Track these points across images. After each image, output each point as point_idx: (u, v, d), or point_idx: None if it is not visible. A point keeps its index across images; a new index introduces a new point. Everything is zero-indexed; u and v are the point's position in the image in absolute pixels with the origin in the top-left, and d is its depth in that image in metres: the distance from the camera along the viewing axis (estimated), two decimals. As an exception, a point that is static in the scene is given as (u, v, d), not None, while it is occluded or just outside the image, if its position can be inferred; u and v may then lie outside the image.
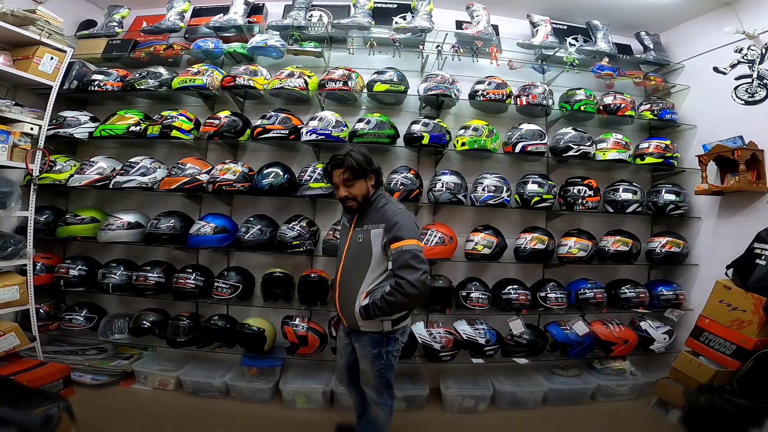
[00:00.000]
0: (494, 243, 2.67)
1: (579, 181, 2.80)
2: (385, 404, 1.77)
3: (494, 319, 2.76)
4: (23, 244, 2.47)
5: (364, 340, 1.70)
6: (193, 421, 2.32)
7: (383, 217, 1.62)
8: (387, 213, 1.62)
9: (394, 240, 1.54)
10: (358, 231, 1.69)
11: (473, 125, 2.73)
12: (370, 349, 1.69)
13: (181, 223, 2.67)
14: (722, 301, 2.36)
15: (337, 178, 1.66)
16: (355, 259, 1.68)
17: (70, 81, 2.80)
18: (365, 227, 1.67)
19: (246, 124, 2.76)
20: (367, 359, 1.71)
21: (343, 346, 1.85)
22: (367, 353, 1.70)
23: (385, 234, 1.59)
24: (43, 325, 2.64)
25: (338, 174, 1.65)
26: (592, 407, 2.63)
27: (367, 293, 1.62)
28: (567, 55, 2.99)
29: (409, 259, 1.50)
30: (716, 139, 2.69)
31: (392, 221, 1.58)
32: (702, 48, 2.93)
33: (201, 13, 3.14)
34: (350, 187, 1.65)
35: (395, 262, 1.52)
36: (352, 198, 1.67)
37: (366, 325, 1.66)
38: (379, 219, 1.63)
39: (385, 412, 1.77)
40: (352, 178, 1.64)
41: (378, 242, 1.60)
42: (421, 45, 2.91)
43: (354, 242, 1.68)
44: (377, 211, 1.67)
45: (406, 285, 1.48)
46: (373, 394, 1.76)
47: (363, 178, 1.67)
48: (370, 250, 1.62)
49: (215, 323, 2.61)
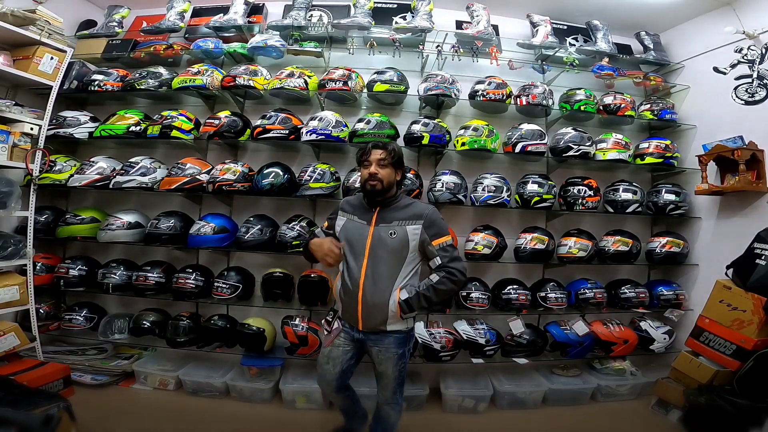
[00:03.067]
0: (494, 243, 2.67)
1: (579, 181, 2.80)
2: (397, 403, 1.81)
3: (494, 319, 2.76)
4: (23, 244, 2.47)
5: (388, 341, 1.69)
6: (193, 421, 2.33)
7: (419, 215, 1.68)
8: (423, 211, 1.70)
9: (438, 236, 1.66)
10: (385, 227, 1.68)
11: (473, 125, 2.73)
12: (396, 349, 1.70)
13: (181, 223, 2.67)
14: (722, 301, 2.36)
15: (374, 156, 1.70)
16: (386, 254, 1.65)
17: (70, 81, 2.80)
18: (396, 223, 1.68)
19: (246, 124, 2.76)
20: (391, 360, 1.70)
21: (340, 354, 1.75)
22: (393, 354, 1.70)
23: (424, 230, 1.66)
24: (43, 325, 2.64)
25: (378, 153, 1.70)
26: (592, 407, 2.63)
27: (401, 288, 1.66)
28: (567, 55, 3.00)
29: (455, 252, 1.68)
30: (716, 139, 2.69)
31: (431, 218, 1.68)
32: (702, 48, 2.93)
33: (201, 13, 3.14)
34: (382, 168, 1.69)
35: (445, 255, 1.65)
36: (379, 179, 1.68)
37: (395, 324, 1.67)
38: (414, 216, 1.68)
39: (396, 412, 1.82)
40: (388, 162, 1.70)
41: (416, 238, 1.66)
42: (421, 45, 2.90)
43: (382, 238, 1.66)
44: (406, 208, 1.72)
45: (458, 273, 1.63)
46: (389, 394, 1.77)
47: (395, 169, 1.74)
48: (407, 245, 1.66)
49: (215, 323, 2.61)
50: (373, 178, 1.68)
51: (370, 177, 1.69)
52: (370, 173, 1.69)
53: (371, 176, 1.68)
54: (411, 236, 1.66)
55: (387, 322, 1.66)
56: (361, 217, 1.74)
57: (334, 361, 1.76)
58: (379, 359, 1.72)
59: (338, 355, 1.75)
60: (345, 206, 1.81)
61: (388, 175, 1.71)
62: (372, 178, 1.68)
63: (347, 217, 1.76)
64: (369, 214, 1.72)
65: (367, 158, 1.71)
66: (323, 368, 1.79)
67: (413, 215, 1.68)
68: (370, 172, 1.69)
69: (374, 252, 1.65)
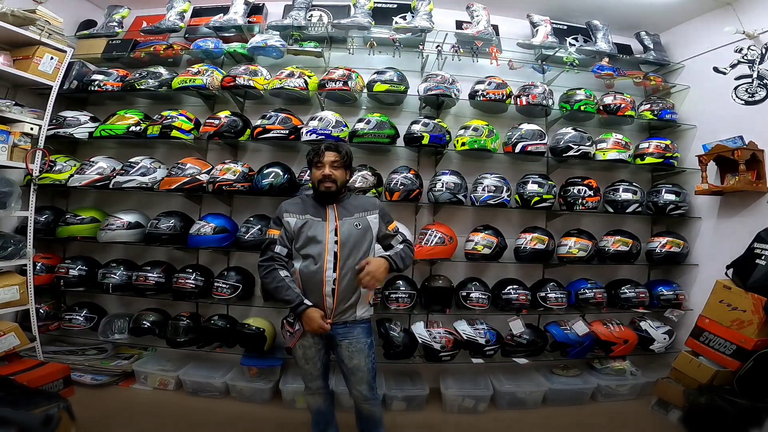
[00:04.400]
0: (494, 243, 2.67)
1: (579, 181, 2.80)
2: (376, 398, 1.84)
3: (494, 319, 2.76)
4: (23, 244, 2.47)
5: (356, 332, 1.76)
6: (193, 421, 2.33)
7: (373, 206, 1.85)
8: (374, 202, 1.89)
9: (390, 222, 1.90)
10: (349, 219, 1.76)
11: (473, 125, 2.73)
12: (365, 338, 1.78)
13: (181, 223, 2.67)
14: (722, 301, 2.37)
15: (328, 158, 1.77)
16: (354, 244, 1.74)
17: (70, 81, 2.80)
18: (358, 215, 1.79)
19: (246, 124, 2.76)
20: (362, 352, 1.75)
21: (315, 352, 1.77)
22: (363, 345, 1.76)
23: (381, 218, 1.84)
24: (43, 325, 2.64)
25: (332, 155, 1.78)
26: (592, 407, 2.63)
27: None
28: (567, 55, 2.99)
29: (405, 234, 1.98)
30: (716, 139, 2.69)
31: (383, 209, 1.88)
32: (702, 48, 2.93)
33: (201, 13, 3.14)
34: (335, 169, 1.77)
35: (401, 236, 1.90)
36: (333, 181, 1.75)
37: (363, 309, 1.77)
38: (370, 207, 1.84)
39: (378, 406, 1.86)
40: (341, 164, 1.79)
41: (376, 225, 1.82)
42: (421, 45, 2.90)
43: (349, 230, 1.75)
44: (359, 200, 1.88)
45: (412, 247, 1.93)
46: (366, 390, 1.78)
47: (346, 169, 1.83)
48: (372, 234, 1.81)
49: (215, 323, 2.61)
50: (328, 180, 1.75)
51: (325, 178, 1.75)
52: (325, 175, 1.75)
53: (326, 177, 1.75)
54: (372, 225, 1.81)
55: (357, 306, 1.75)
56: (316, 215, 1.77)
57: (311, 360, 1.80)
58: (350, 352, 1.75)
59: (313, 354, 1.79)
60: (289, 208, 1.80)
61: (341, 176, 1.80)
62: (327, 180, 1.75)
63: (297, 218, 1.77)
64: (323, 211, 1.78)
65: (320, 160, 1.77)
66: (304, 369, 1.83)
67: (368, 207, 1.84)
68: (324, 174, 1.75)
69: (346, 243, 1.72)
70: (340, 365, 1.81)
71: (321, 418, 1.91)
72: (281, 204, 1.83)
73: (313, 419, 1.92)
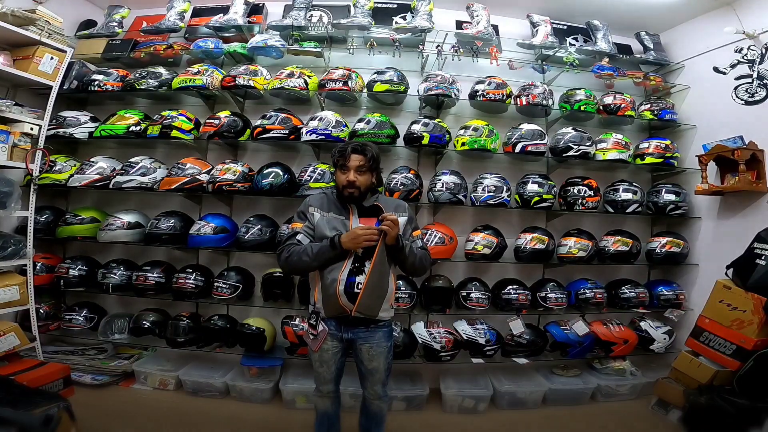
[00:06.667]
0: (494, 243, 2.67)
1: (579, 181, 2.80)
2: (387, 396, 1.85)
3: (494, 319, 2.76)
4: (23, 244, 2.47)
5: (378, 335, 1.72)
6: (193, 421, 2.32)
7: (402, 208, 1.78)
8: (401, 205, 1.81)
9: (416, 229, 1.83)
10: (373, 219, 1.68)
11: (473, 125, 2.73)
12: (386, 342, 1.75)
13: (181, 223, 2.67)
14: (722, 301, 2.36)
15: (353, 162, 1.67)
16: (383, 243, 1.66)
17: (70, 81, 2.80)
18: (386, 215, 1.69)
19: (246, 124, 2.76)
20: (382, 354, 1.74)
21: (331, 356, 1.73)
22: (383, 348, 1.74)
23: (408, 223, 1.77)
24: (43, 325, 2.64)
25: (358, 159, 1.68)
26: (592, 407, 2.63)
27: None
28: (567, 55, 2.99)
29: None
30: (716, 139, 2.69)
31: (411, 214, 1.80)
32: (702, 48, 2.93)
33: (201, 13, 3.14)
34: (360, 174, 1.69)
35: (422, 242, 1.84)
36: (357, 187, 1.68)
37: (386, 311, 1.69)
38: (400, 209, 1.76)
39: (387, 403, 1.87)
40: (366, 168, 1.70)
41: (403, 227, 1.72)
42: (421, 45, 2.90)
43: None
44: (388, 201, 1.82)
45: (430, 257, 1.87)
46: (380, 389, 1.79)
47: (372, 172, 1.74)
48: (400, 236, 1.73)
49: (215, 323, 2.61)
50: (352, 186, 1.67)
51: (349, 185, 1.67)
52: (349, 181, 1.67)
53: (350, 184, 1.67)
54: (402, 227, 1.71)
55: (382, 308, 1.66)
56: (339, 213, 1.72)
57: (327, 363, 1.76)
58: (370, 355, 1.73)
59: (329, 358, 1.75)
60: (314, 203, 1.76)
61: (366, 181, 1.71)
62: (350, 186, 1.68)
63: (321, 214, 1.72)
64: (346, 210, 1.72)
65: (345, 163, 1.68)
66: (318, 372, 1.80)
67: (399, 208, 1.76)
68: (348, 179, 1.67)
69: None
70: (359, 365, 1.80)
71: (326, 420, 1.89)
72: (306, 199, 1.79)
73: (318, 420, 1.91)
